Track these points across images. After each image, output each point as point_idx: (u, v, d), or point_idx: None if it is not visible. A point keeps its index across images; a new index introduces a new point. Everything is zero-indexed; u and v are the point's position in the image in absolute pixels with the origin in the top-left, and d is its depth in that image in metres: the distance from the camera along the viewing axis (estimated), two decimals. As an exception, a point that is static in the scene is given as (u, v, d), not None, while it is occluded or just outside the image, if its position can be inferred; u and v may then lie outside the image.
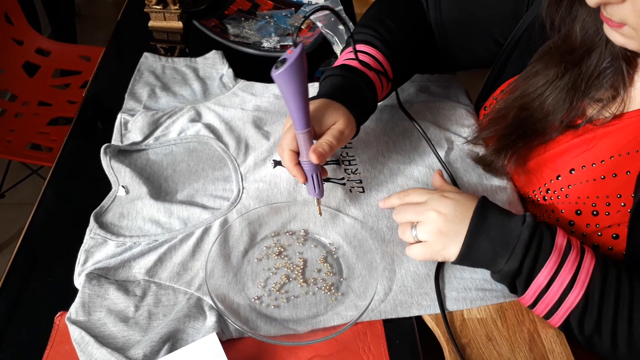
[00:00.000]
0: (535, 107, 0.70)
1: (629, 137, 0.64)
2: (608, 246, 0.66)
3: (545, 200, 0.73)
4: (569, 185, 0.69)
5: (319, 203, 0.70)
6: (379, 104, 0.79)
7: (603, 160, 0.66)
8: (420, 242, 0.64)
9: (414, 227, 0.64)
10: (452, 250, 0.62)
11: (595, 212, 0.66)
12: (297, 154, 0.66)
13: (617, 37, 0.56)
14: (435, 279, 0.67)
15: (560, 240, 0.60)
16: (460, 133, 0.86)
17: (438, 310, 0.64)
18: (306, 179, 0.67)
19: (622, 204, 0.64)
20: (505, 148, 0.73)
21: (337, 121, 0.67)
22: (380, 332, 0.63)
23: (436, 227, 0.62)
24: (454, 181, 0.78)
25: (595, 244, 0.67)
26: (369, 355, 0.61)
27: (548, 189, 0.72)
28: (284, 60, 0.56)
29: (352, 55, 0.76)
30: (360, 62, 0.75)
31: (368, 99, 0.74)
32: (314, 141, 0.66)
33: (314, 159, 0.64)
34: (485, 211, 0.62)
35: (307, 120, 0.62)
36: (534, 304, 0.61)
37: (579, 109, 0.67)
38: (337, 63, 0.78)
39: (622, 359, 0.58)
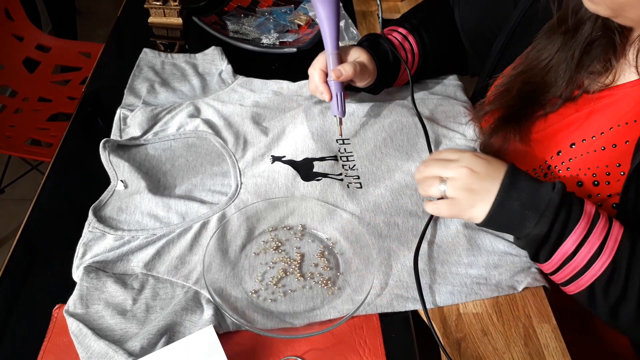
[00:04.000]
0: (537, 80, 0.72)
1: (627, 108, 0.66)
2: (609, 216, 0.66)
3: (546, 177, 0.73)
4: (570, 159, 0.70)
5: (340, 123, 0.81)
6: (379, 103, 0.82)
7: (603, 132, 0.67)
8: (446, 198, 0.63)
9: (442, 182, 0.63)
10: (480, 209, 0.61)
11: (595, 182, 0.67)
12: (326, 74, 0.78)
13: (588, 4, 0.59)
14: (415, 271, 0.66)
15: (589, 207, 0.60)
16: (457, 129, 0.87)
17: (433, 305, 0.65)
18: (331, 97, 0.78)
19: (622, 173, 0.65)
20: (511, 117, 0.75)
21: (360, 56, 0.80)
22: (376, 326, 0.63)
23: (467, 184, 0.61)
24: None
25: None
26: (365, 349, 0.61)
27: (549, 165, 0.73)
28: None
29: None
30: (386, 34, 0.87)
31: (389, 54, 0.84)
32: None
33: (337, 73, 0.76)
34: (516, 174, 0.61)
35: (336, 44, 0.78)
36: (556, 270, 0.61)
37: (576, 83, 0.69)
38: None
39: None
